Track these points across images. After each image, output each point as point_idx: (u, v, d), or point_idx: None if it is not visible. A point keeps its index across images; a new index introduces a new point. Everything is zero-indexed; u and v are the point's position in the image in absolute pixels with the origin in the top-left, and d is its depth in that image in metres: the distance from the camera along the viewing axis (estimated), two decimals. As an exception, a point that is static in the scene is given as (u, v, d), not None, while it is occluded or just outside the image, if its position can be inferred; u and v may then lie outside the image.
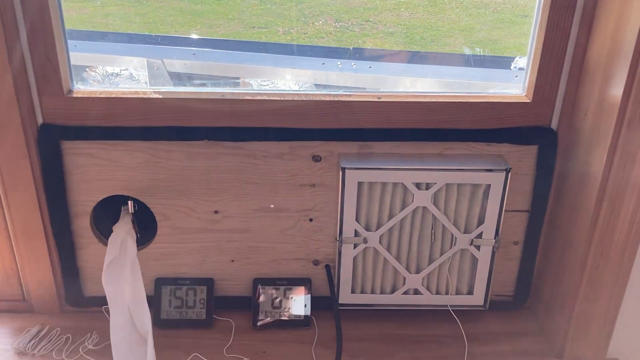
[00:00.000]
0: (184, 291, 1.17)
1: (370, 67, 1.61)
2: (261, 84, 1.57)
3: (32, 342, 1.11)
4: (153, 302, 1.15)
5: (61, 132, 1.04)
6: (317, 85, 1.55)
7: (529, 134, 1.08)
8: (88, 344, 1.10)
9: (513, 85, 1.12)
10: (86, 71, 1.48)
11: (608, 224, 0.99)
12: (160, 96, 1.03)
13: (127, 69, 1.57)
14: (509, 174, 1.05)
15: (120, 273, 1.02)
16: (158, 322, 1.15)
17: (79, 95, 1.03)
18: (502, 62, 1.53)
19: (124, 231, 1.05)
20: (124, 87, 1.09)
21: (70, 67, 1.05)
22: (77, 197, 1.09)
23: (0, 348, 1.10)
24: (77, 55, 1.14)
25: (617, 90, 0.91)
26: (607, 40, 0.94)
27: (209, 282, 1.17)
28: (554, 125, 1.08)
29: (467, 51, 1.47)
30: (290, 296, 1.17)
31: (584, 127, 1.01)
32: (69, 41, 1.04)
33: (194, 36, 1.70)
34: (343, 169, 1.03)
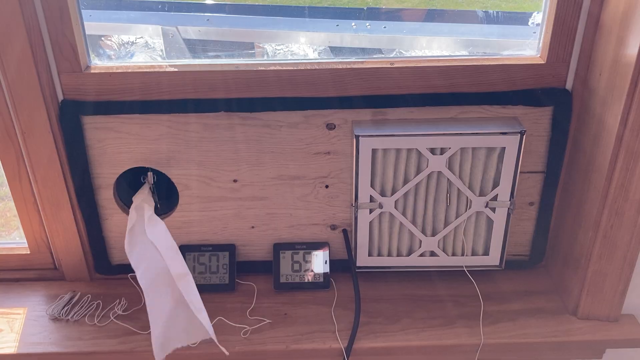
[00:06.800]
0: (207, 257, 1.21)
1: (385, 27, 1.58)
2: (275, 48, 1.57)
3: (65, 308, 1.16)
4: (178, 268, 1.19)
5: (81, 108, 1.06)
6: (332, 48, 1.54)
7: (544, 95, 1.07)
8: (117, 309, 1.15)
9: (530, 42, 1.10)
10: (102, 40, 1.49)
11: (622, 184, 0.99)
12: (176, 69, 1.04)
13: (142, 37, 1.57)
14: (524, 136, 1.05)
15: (141, 236, 1.04)
16: (183, 288, 1.19)
17: (96, 71, 1.04)
18: (519, 19, 1.49)
19: (140, 200, 1.09)
20: (139, 62, 1.10)
21: (86, 44, 1.06)
22: (100, 170, 1.12)
23: (35, 314, 1.15)
24: (92, 24, 1.15)
25: (632, 50, 0.90)
26: (623, -2, 0.93)
27: (230, 248, 1.21)
28: (568, 86, 1.07)
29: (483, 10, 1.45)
30: (311, 256, 1.20)
31: (599, 87, 1.01)
32: (83, 11, 1.04)
33: (208, 1, 1.69)
34: (357, 137, 1.04)
